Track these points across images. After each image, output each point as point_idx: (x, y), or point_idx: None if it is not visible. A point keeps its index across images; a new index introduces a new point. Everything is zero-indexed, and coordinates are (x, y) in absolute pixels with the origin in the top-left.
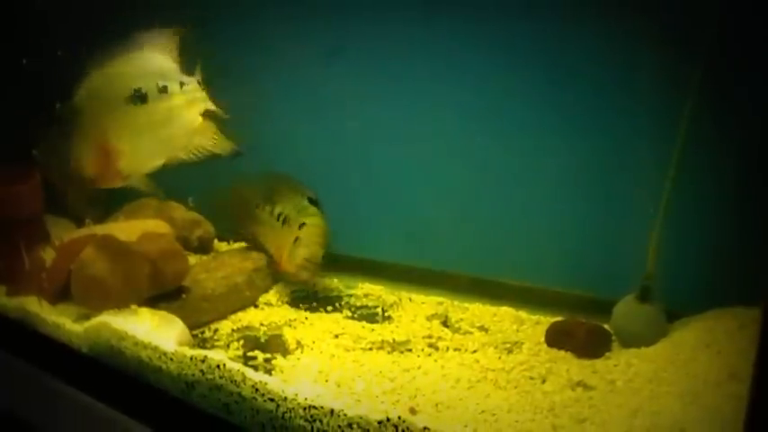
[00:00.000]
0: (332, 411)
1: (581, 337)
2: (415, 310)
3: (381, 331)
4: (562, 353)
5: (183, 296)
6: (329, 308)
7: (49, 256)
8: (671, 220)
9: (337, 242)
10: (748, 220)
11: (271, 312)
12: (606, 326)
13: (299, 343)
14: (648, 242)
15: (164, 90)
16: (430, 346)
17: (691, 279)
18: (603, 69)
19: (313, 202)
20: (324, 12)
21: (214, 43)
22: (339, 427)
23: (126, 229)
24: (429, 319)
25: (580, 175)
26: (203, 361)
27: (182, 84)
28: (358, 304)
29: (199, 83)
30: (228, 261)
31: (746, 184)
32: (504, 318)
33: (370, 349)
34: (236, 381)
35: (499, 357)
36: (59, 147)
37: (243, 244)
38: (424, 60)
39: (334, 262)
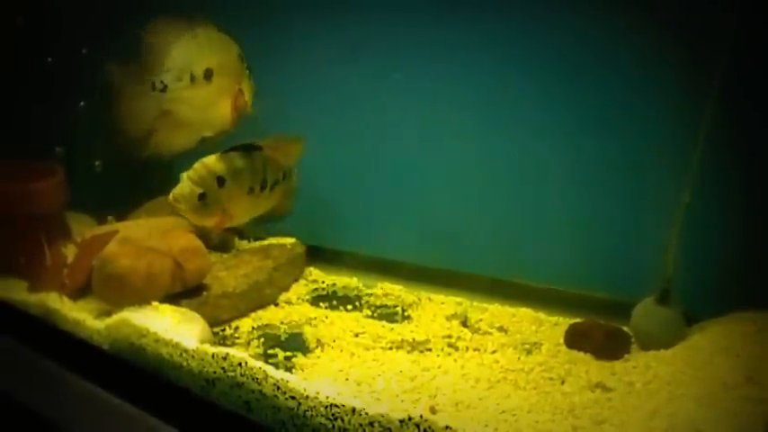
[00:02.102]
0: (353, 410)
1: (600, 338)
2: (434, 310)
3: (401, 331)
4: (581, 354)
5: (204, 294)
6: (349, 307)
7: (70, 252)
8: (690, 224)
9: (357, 242)
10: None
11: (291, 311)
12: (625, 328)
13: (319, 341)
14: (667, 245)
15: None
16: (449, 345)
17: (709, 282)
18: (625, 70)
19: None
20: (343, 10)
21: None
22: (361, 425)
23: (147, 226)
24: (448, 319)
25: (600, 176)
26: (224, 358)
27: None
28: (378, 303)
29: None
30: (249, 259)
31: (766, 187)
32: (523, 319)
33: (390, 348)
34: (257, 378)
35: (518, 358)
36: None
37: (264, 242)
38: (444, 60)
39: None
